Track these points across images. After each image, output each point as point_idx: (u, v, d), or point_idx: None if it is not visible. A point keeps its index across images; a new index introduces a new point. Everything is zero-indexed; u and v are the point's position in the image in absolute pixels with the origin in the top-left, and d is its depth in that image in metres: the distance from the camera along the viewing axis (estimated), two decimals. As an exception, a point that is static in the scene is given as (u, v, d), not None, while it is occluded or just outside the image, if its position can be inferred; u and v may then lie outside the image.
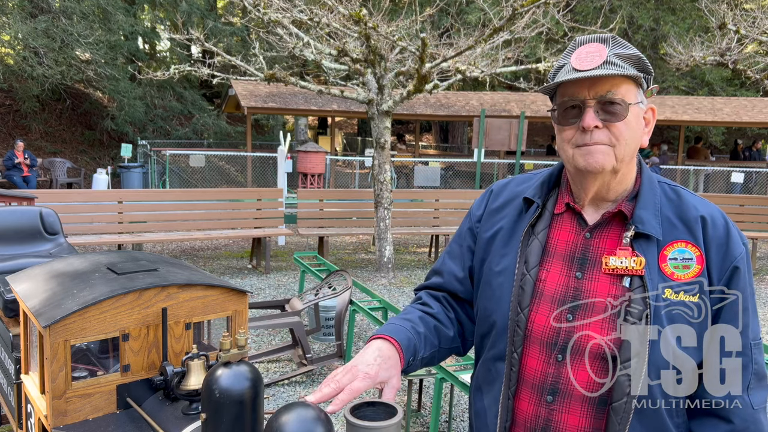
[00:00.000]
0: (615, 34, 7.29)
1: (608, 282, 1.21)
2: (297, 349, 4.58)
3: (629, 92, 1.19)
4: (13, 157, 12.65)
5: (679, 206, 1.25)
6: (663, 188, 1.28)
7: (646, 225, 1.20)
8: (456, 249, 1.44)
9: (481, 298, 1.35)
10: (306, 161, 12.75)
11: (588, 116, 1.17)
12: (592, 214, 1.28)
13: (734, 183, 12.64)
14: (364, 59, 6.82)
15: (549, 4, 6.23)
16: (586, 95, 1.18)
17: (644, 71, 1.21)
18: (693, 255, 1.20)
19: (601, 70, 1.15)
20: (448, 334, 1.37)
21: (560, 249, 1.27)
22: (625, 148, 1.19)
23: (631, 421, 1.16)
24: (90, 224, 7.29)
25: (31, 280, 2.28)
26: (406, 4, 8.54)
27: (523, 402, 1.26)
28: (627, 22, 17.57)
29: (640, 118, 1.22)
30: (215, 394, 1.38)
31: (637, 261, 1.19)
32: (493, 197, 1.42)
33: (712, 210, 1.24)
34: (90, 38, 14.02)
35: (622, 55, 1.19)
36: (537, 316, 1.25)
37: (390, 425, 1.05)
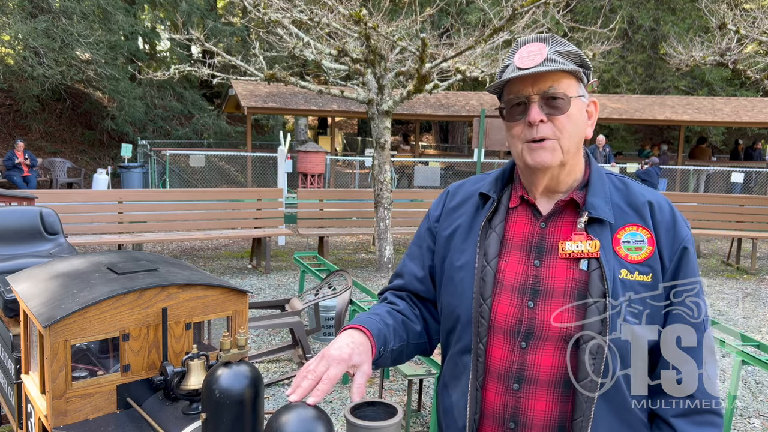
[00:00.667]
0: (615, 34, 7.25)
1: (566, 267, 1.26)
2: (297, 349, 4.58)
3: (570, 87, 1.25)
4: (14, 157, 12.65)
5: (627, 194, 1.31)
6: (610, 179, 1.35)
7: (598, 210, 1.27)
8: (415, 250, 1.48)
9: (444, 295, 1.38)
10: (306, 161, 12.75)
11: (533, 111, 1.24)
12: (545, 204, 1.33)
13: (734, 183, 12.64)
14: (364, 59, 6.82)
15: (549, 4, 6.23)
16: (530, 91, 1.24)
17: (583, 66, 1.28)
18: (644, 237, 1.26)
19: (542, 66, 1.22)
20: (415, 328, 1.41)
21: (517, 240, 1.32)
22: (569, 140, 1.25)
23: (597, 400, 1.20)
24: (90, 224, 7.29)
25: (31, 280, 2.28)
26: (406, 4, 8.54)
27: (490, 393, 1.29)
28: (627, 22, 17.57)
29: (582, 111, 1.29)
30: (215, 394, 1.38)
31: (592, 244, 1.24)
32: (449, 197, 1.47)
33: (657, 196, 1.32)
34: (90, 38, 14.02)
35: (561, 53, 1.25)
36: (499, 306, 1.28)
37: (390, 425, 1.05)
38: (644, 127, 22.54)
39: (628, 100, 17.70)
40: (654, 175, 12.34)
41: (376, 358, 1.26)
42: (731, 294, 7.34)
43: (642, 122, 17.40)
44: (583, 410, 1.21)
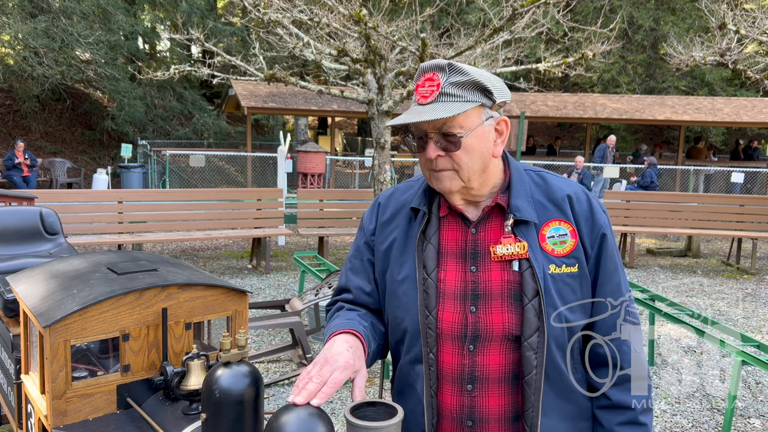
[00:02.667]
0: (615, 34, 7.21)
1: (500, 269, 1.32)
2: (297, 349, 4.58)
3: (467, 118, 1.27)
4: (14, 157, 12.65)
5: (546, 189, 1.37)
6: (530, 175, 1.40)
7: (522, 212, 1.32)
8: (358, 264, 1.50)
9: (389, 307, 1.41)
10: (306, 161, 12.75)
11: (430, 148, 1.28)
12: (472, 211, 1.37)
13: (734, 183, 12.64)
14: (364, 59, 6.82)
15: (549, 4, 6.23)
16: (427, 128, 1.28)
17: (485, 91, 1.28)
18: (567, 230, 1.34)
19: (431, 108, 1.25)
20: (381, 329, 1.45)
21: (452, 248, 1.36)
22: (467, 170, 1.30)
23: (543, 389, 1.29)
24: (90, 224, 7.29)
25: (31, 280, 2.28)
26: (406, 4, 8.54)
27: (446, 395, 1.34)
28: (627, 22, 17.57)
29: (485, 136, 1.30)
30: (215, 394, 1.38)
31: (520, 246, 1.31)
32: (381, 210, 1.49)
33: (575, 188, 1.39)
34: (90, 38, 14.02)
35: (458, 83, 1.26)
36: (444, 315, 1.33)
37: (390, 425, 1.05)
38: (644, 127, 22.54)
39: (628, 100, 17.70)
40: (648, 177, 12.31)
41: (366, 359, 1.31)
42: (731, 294, 7.34)
43: (642, 122, 17.40)
44: (532, 402, 1.29)
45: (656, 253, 9.76)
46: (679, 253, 9.72)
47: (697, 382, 4.63)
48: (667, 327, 5.69)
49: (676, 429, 3.89)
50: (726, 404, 3.71)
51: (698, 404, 4.26)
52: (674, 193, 13.09)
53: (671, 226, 9.25)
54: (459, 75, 1.27)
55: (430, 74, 1.28)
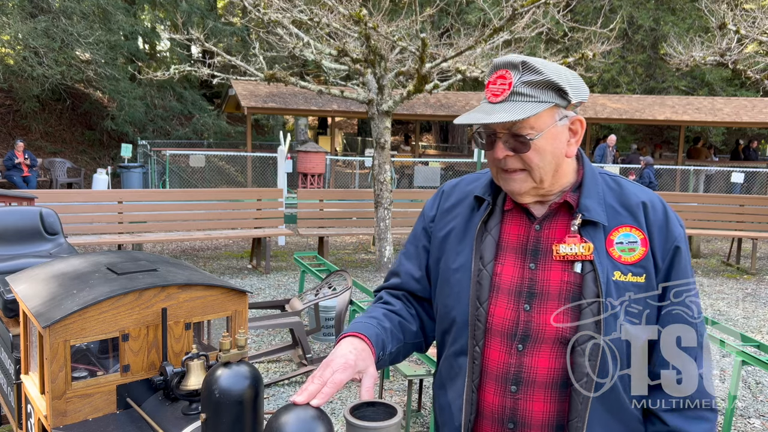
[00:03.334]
0: (615, 34, 7.21)
1: (560, 269, 1.27)
2: (297, 349, 4.58)
3: (539, 121, 1.22)
4: (13, 157, 12.65)
5: (620, 194, 1.31)
6: (604, 179, 1.34)
7: (591, 212, 1.27)
8: (412, 250, 1.48)
9: (439, 296, 1.39)
10: (306, 161, 12.75)
11: (498, 148, 1.25)
12: (539, 208, 1.33)
13: (734, 183, 12.63)
14: (364, 59, 6.82)
15: (549, 4, 6.23)
16: (496, 126, 1.24)
17: (559, 90, 1.23)
18: (637, 238, 1.26)
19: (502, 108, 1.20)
20: (411, 328, 1.42)
21: (512, 242, 1.32)
22: (539, 171, 1.25)
23: (592, 400, 1.21)
24: (90, 224, 7.29)
25: (31, 280, 2.28)
26: (406, 4, 8.54)
27: (488, 394, 1.30)
28: (627, 22, 17.57)
29: (558, 137, 1.25)
30: (215, 394, 1.38)
31: (585, 247, 1.25)
32: (444, 197, 1.46)
33: (651, 196, 1.32)
34: (90, 38, 14.02)
35: (531, 83, 1.21)
36: (496, 309, 1.29)
37: (390, 425, 1.05)
38: (644, 127, 22.55)
39: (628, 100, 17.70)
40: (647, 178, 12.30)
41: (375, 362, 1.28)
42: (731, 294, 7.34)
43: (642, 122, 17.40)
44: (579, 411, 1.22)
45: (656, 253, 9.76)
46: (679, 253, 9.71)
47: (697, 382, 4.63)
48: (667, 327, 5.69)
49: (676, 429, 3.89)
50: (726, 404, 3.71)
51: (698, 404, 4.25)
52: (674, 193, 13.08)
53: (671, 226, 9.23)
54: (533, 74, 1.22)
55: (502, 71, 1.23)
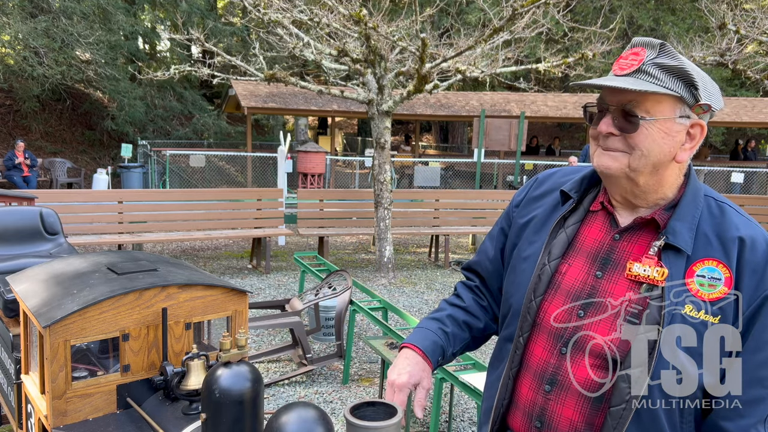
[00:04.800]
0: (615, 34, 7.21)
1: (626, 286, 1.20)
2: (297, 349, 4.58)
3: (658, 106, 1.15)
4: (14, 157, 12.65)
5: (720, 224, 1.19)
6: (708, 202, 1.23)
7: (677, 237, 1.17)
8: (495, 231, 1.52)
9: (507, 280, 1.42)
10: (306, 161, 12.75)
11: (603, 122, 1.20)
12: (625, 217, 1.27)
13: (734, 183, 12.63)
14: (364, 59, 6.82)
15: (549, 4, 6.23)
16: (611, 101, 1.19)
17: (690, 85, 1.16)
18: (722, 276, 1.14)
19: (623, 80, 1.16)
20: (478, 325, 1.48)
21: (587, 246, 1.29)
22: (640, 159, 1.17)
23: (629, 424, 1.15)
24: (90, 224, 7.29)
25: (31, 280, 2.28)
26: (406, 4, 8.54)
27: (524, 387, 1.31)
28: (627, 22, 17.57)
29: (672, 134, 1.17)
30: (215, 394, 1.38)
31: (660, 272, 1.16)
32: (536, 185, 1.46)
33: (754, 232, 1.17)
34: (90, 38, 14.02)
35: (662, 66, 1.15)
36: (550, 307, 1.28)
37: (390, 425, 1.05)
38: (644, 127, 22.52)
39: (628, 100, 17.68)
40: None
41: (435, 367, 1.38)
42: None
43: (642, 122, 17.37)
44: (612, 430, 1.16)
45: (656, 253, 9.75)
46: (679, 253, 9.72)
47: (697, 382, 4.62)
48: (667, 327, 5.69)
49: (676, 429, 3.88)
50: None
51: (698, 404, 4.25)
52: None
53: (671, 226, 9.24)
54: (667, 57, 1.16)
55: (638, 48, 1.18)
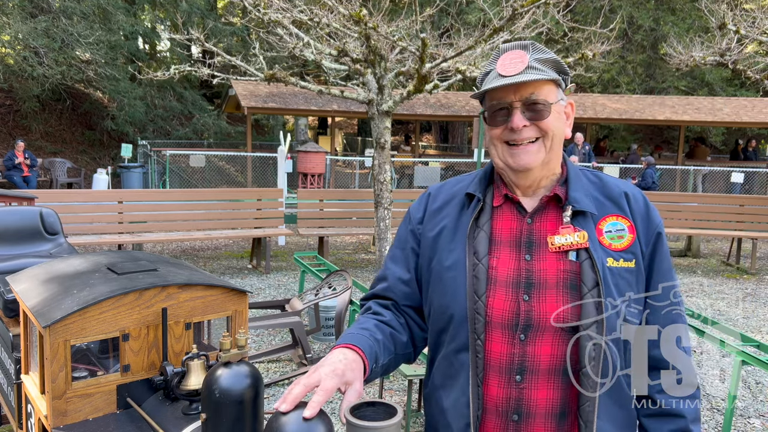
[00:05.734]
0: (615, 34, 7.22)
1: (556, 259, 1.31)
2: (297, 349, 4.58)
3: (550, 93, 1.32)
4: (14, 157, 12.65)
5: (602, 187, 1.39)
6: (585, 174, 1.42)
7: (581, 203, 1.34)
8: (399, 253, 1.49)
9: (434, 295, 1.39)
10: (306, 161, 12.75)
11: (516, 117, 1.30)
12: (529, 201, 1.38)
13: (734, 183, 12.63)
14: (364, 59, 6.82)
15: (549, 5, 6.23)
16: (512, 98, 1.31)
17: (562, 72, 1.35)
18: (625, 226, 1.34)
19: (524, 75, 1.28)
20: (402, 339, 1.42)
21: (505, 237, 1.36)
22: (552, 140, 1.33)
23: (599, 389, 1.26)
24: (90, 224, 7.29)
25: (31, 280, 2.28)
26: (406, 4, 8.54)
27: (492, 387, 1.31)
28: (627, 22, 17.56)
29: (561, 114, 1.36)
30: (215, 394, 1.38)
31: (580, 235, 1.31)
32: (431, 199, 1.49)
33: (631, 187, 1.41)
34: (90, 38, 14.02)
35: (541, 60, 1.32)
36: (495, 302, 1.31)
37: (390, 425, 1.05)
38: (644, 127, 22.54)
39: (628, 100, 17.70)
40: (649, 178, 12.28)
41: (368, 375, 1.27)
42: (731, 294, 7.34)
43: (642, 122, 17.40)
44: (587, 396, 1.26)
45: (656, 253, 9.75)
46: (679, 253, 9.72)
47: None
48: (667, 327, 5.69)
49: (676, 429, 3.89)
50: (726, 404, 3.71)
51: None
52: (674, 193, 13.08)
53: (671, 226, 9.24)
54: (541, 53, 1.33)
55: (515, 53, 1.32)
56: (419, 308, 1.46)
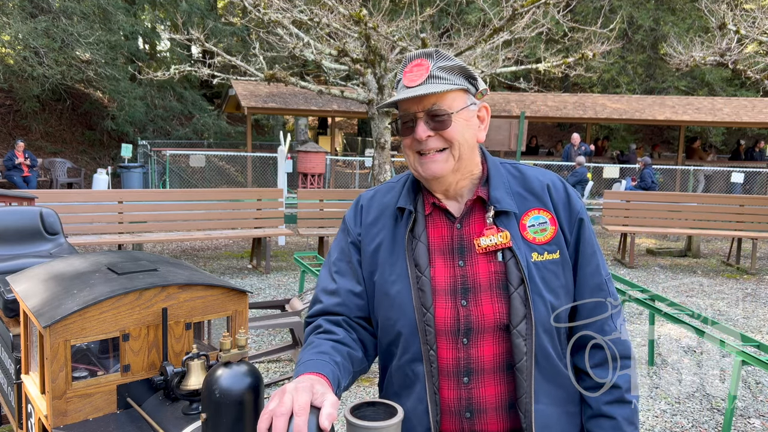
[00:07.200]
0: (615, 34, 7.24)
1: (486, 261, 1.35)
2: (297, 349, 4.58)
3: (455, 100, 1.33)
4: (14, 157, 12.65)
5: (523, 180, 1.42)
6: (506, 168, 1.44)
7: (502, 203, 1.36)
8: (345, 266, 1.45)
9: (380, 309, 1.40)
10: (306, 161, 12.75)
11: (419, 128, 1.32)
12: (455, 206, 1.41)
13: (734, 183, 12.63)
14: (364, 59, 6.82)
15: (549, 5, 6.23)
16: (416, 109, 1.32)
17: (469, 77, 1.36)
18: (546, 218, 1.37)
19: (422, 87, 1.30)
20: (358, 356, 1.39)
21: (438, 245, 1.38)
22: (459, 148, 1.34)
23: (534, 375, 1.32)
24: (90, 224, 7.29)
25: (31, 280, 2.28)
26: (406, 4, 8.54)
27: (444, 390, 1.35)
28: (627, 22, 17.57)
29: (470, 120, 1.36)
30: (215, 394, 1.38)
31: (503, 235, 1.34)
32: (365, 212, 1.48)
33: (552, 177, 1.43)
34: (90, 38, 14.02)
35: (445, 68, 1.33)
36: (437, 311, 1.34)
37: (390, 425, 1.05)
38: (644, 127, 22.55)
39: (628, 100, 17.70)
40: (648, 178, 12.28)
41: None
42: (731, 294, 7.34)
43: (642, 122, 17.40)
44: (525, 388, 1.31)
45: (656, 253, 9.76)
46: (679, 253, 9.72)
47: (697, 382, 4.63)
48: (667, 327, 5.69)
49: (676, 429, 3.89)
50: (726, 404, 3.71)
51: (698, 404, 4.26)
52: (674, 193, 13.08)
53: (671, 226, 9.25)
54: (446, 60, 1.33)
55: (418, 60, 1.33)
56: (370, 318, 1.45)
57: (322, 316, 1.44)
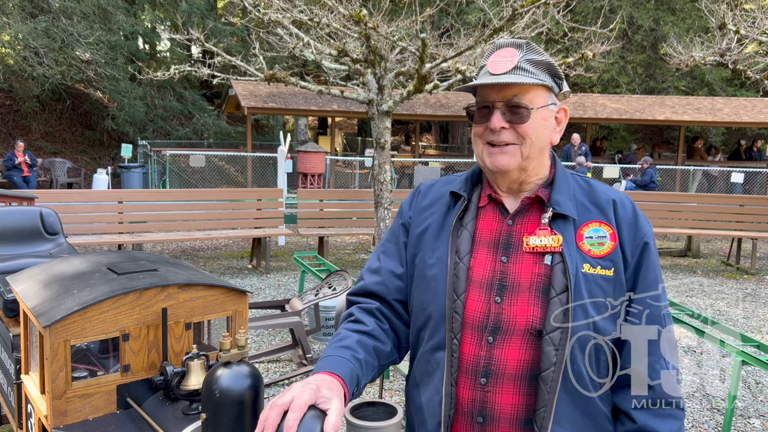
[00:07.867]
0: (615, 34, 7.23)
1: (531, 261, 1.29)
2: (297, 349, 4.58)
3: (537, 97, 1.29)
4: (14, 157, 12.64)
5: (590, 193, 1.36)
6: (575, 178, 1.40)
7: (562, 206, 1.31)
8: (391, 247, 1.47)
9: (416, 292, 1.39)
10: (306, 161, 12.75)
11: (495, 118, 1.28)
12: (512, 202, 1.37)
13: (734, 183, 12.63)
14: (364, 59, 6.82)
15: (549, 5, 6.23)
16: (495, 98, 1.29)
17: (555, 76, 1.33)
18: (606, 233, 1.31)
19: (508, 76, 1.27)
20: (385, 350, 1.38)
21: (485, 237, 1.35)
22: (530, 147, 1.30)
23: (559, 391, 1.22)
24: (90, 224, 7.29)
25: (31, 280, 2.28)
26: (406, 4, 8.53)
27: (461, 388, 1.30)
28: (627, 22, 17.56)
29: (548, 119, 1.33)
30: (215, 394, 1.38)
31: (555, 239, 1.28)
32: (420, 196, 1.48)
33: (620, 195, 1.38)
34: (90, 38, 14.02)
35: (533, 61, 1.29)
36: (468, 302, 1.31)
37: (390, 425, 1.05)
38: (644, 127, 22.54)
39: (628, 100, 17.70)
40: (648, 176, 12.27)
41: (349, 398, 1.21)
42: (731, 294, 7.34)
43: (642, 122, 17.40)
44: (545, 401, 1.22)
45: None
46: (679, 253, 9.72)
47: (697, 382, 4.63)
48: (667, 327, 5.69)
49: (676, 429, 3.89)
50: (726, 404, 3.71)
51: (698, 404, 4.26)
52: (674, 193, 13.08)
53: (671, 226, 9.25)
54: (535, 54, 1.30)
55: (507, 51, 1.30)
56: (407, 303, 1.44)
57: (362, 294, 1.46)
